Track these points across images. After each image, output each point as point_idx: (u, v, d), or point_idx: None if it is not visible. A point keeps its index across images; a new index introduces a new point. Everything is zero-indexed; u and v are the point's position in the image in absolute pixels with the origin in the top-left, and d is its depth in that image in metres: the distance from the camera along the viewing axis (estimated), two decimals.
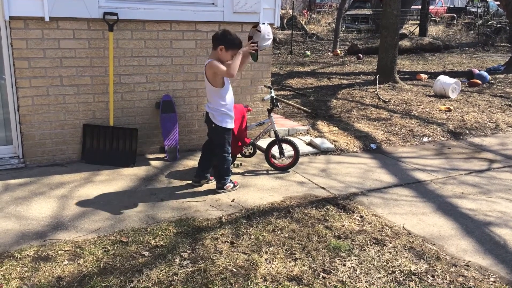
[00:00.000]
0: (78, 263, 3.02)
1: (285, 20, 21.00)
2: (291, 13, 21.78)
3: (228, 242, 3.36)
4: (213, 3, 5.23)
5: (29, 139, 4.67)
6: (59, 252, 3.14)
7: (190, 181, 4.46)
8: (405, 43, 15.88)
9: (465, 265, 3.22)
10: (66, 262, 3.03)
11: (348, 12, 23.34)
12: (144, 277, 2.89)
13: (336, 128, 6.47)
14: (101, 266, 3.00)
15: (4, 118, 4.70)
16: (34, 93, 4.60)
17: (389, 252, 3.31)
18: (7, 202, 3.90)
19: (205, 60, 5.22)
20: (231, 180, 4.34)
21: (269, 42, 4.20)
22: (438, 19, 25.38)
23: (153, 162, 5.02)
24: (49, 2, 4.40)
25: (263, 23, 4.16)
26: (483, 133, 6.66)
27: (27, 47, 4.47)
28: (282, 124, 6.32)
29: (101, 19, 4.66)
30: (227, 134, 4.19)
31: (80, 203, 3.94)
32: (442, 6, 30.26)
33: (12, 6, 4.29)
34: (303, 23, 22.61)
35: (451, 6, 33.70)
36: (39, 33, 4.49)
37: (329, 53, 16.02)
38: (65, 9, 4.49)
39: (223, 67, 3.95)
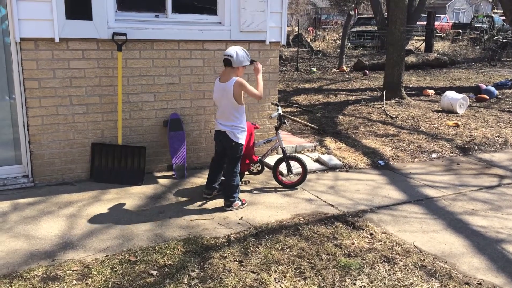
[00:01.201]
0: (87, 283, 3.01)
1: (291, 38, 21.18)
2: (297, 30, 21.96)
3: (236, 261, 3.34)
4: (220, 22, 5.29)
5: (38, 159, 4.70)
6: (67, 272, 3.13)
7: (198, 200, 4.45)
8: (411, 59, 15.92)
9: (478, 283, 3.16)
10: (74, 282, 3.02)
11: (353, 29, 23.50)
12: None
13: (344, 145, 6.45)
14: (110, 286, 2.98)
15: (14, 137, 4.75)
16: (44, 112, 4.65)
17: (400, 271, 3.27)
18: (16, 222, 3.91)
19: (213, 78, 5.28)
20: (239, 198, 4.33)
21: None
22: (444, 35, 25.46)
23: (161, 180, 5.02)
24: (59, 23, 4.47)
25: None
26: (492, 149, 6.61)
27: (37, 68, 4.54)
28: (289, 141, 6.32)
29: (110, 39, 4.73)
30: (242, 150, 4.26)
31: (89, 222, 3.94)
32: (447, 22, 30.40)
33: (22, 28, 4.36)
34: (308, 40, 22.78)
35: (456, 21, 33.86)
36: (49, 54, 4.56)
37: (335, 70, 16.08)
38: (74, 30, 4.56)
39: (255, 90, 4.13)
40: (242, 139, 4.19)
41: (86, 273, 3.12)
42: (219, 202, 4.42)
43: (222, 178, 4.48)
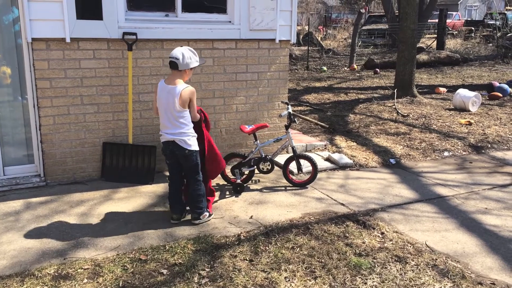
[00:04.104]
0: (98, 282, 3.02)
1: (301, 36, 21.12)
2: (307, 29, 21.90)
3: (246, 260, 3.33)
4: (230, 21, 5.29)
5: (50, 158, 4.74)
6: (78, 270, 3.15)
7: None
8: (422, 56, 15.78)
9: (491, 283, 3.12)
10: (85, 280, 3.04)
11: (364, 27, 23.35)
12: None
13: (354, 143, 6.41)
14: (120, 285, 2.99)
15: (26, 137, 4.79)
16: (56, 112, 4.68)
17: (412, 270, 3.23)
18: (29, 220, 3.95)
19: (223, 77, 5.28)
20: (207, 209, 4.04)
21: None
22: (456, 32, 25.19)
23: None
24: (70, 23, 4.50)
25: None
26: (505, 147, 6.52)
27: (48, 68, 4.57)
28: (299, 140, 6.30)
29: (120, 39, 4.75)
30: (197, 157, 3.92)
31: (100, 221, 3.96)
32: (460, 20, 30.08)
33: (34, 28, 4.40)
34: (319, 38, 22.70)
35: (469, 19, 33.49)
36: (60, 54, 4.59)
37: (345, 68, 16.00)
38: (85, 30, 4.59)
39: (196, 111, 3.85)
40: (194, 145, 3.84)
41: (97, 272, 3.14)
42: (229, 202, 4.42)
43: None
